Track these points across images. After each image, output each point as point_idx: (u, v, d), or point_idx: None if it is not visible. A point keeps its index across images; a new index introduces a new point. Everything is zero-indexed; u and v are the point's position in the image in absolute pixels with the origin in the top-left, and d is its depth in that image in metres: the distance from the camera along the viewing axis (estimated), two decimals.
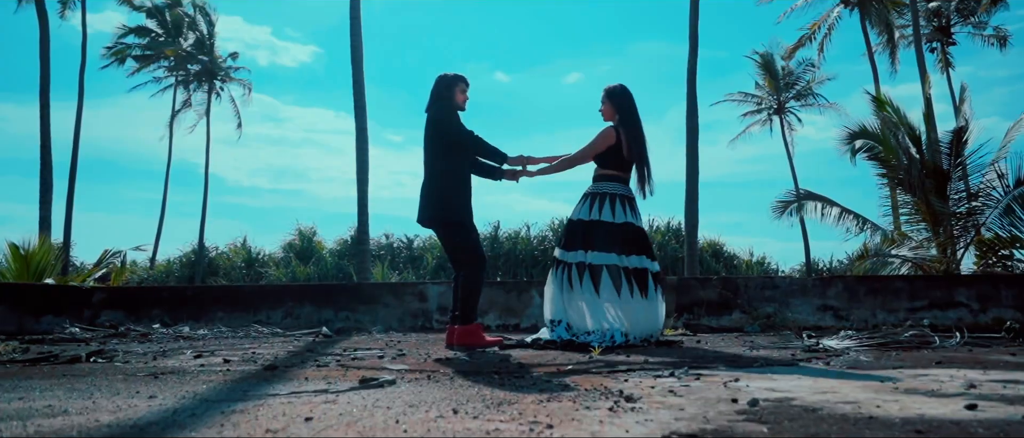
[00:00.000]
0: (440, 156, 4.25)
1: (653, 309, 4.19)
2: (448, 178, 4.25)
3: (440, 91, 4.36)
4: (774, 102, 28.00)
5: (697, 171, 14.78)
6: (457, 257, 4.26)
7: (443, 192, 4.23)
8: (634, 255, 4.21)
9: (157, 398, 2.05)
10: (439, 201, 4.23)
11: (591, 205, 4.31)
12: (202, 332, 6.40)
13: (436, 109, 4.31)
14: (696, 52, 15.01)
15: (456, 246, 4.23)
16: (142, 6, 28.56)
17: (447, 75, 4.41)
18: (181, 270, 26.18)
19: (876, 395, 1.94)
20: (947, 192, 11.48)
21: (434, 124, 4.28)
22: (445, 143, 4.24)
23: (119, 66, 28.93)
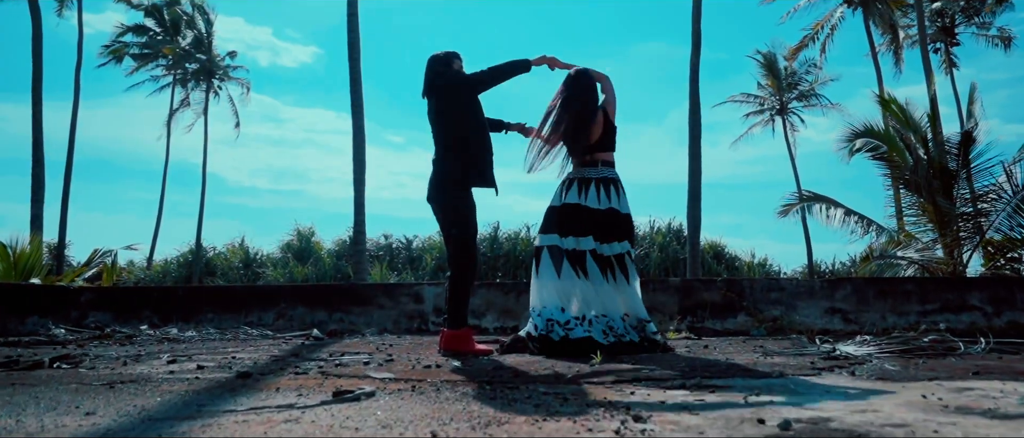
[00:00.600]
0: (459, 121, 3.98)
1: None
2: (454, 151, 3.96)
3: (438, 68, 4.10)
4: (776, 103, 27.74)
5: (700, 170, 14.54)
6: (449, 250, 3.99)
7: (446, 167, 3.96)
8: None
9: (95, 415, 1.81)
10: (443, 179, 3.96)
11: (622, 194, 4.14)
12: (189, 334, 6.17)
13: (446, 78, 4.05)
14: (698, 49, 14.77)
15: (449, 234, 3.94)
16: (140, 5, 28.35)
17: (438, 54, 4.15)
18: (178, 270, 25.95)
19: (926, 415, 1.70)
20: (954, 193, 11.28)
21: (447, 87, 4.01)
22: (464, 102, 3.96)
23: (117, 64, 28.74)
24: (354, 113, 12.98)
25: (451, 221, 3.92)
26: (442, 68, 4.07)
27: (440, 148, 4.03)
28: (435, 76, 4.07)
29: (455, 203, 3.91)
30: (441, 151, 4.02)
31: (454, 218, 3.91)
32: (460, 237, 3.88)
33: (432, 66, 4.11)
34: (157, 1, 28.89)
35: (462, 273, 3.87)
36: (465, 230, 3.90)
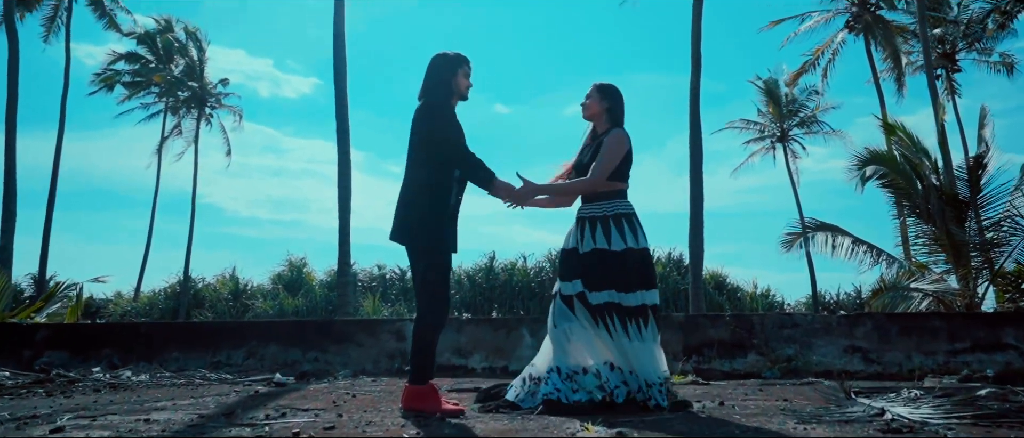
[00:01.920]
0: (424, 159, 3.49)
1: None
2: (432, 191, 3.46)
3: (441, 74, 3.58)
4: (777, 130, 27.34)
5: (701, 197, 14.03)
6: (418, 291, 3.45)
7: (421, 206, 3.45)
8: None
9: None
10: (417, 218, 3.44)
11: (624, 230, 3.55)
12: (142, 378, 5.58)
13: (433, 94, 3.55)
14: (698, 71, 14.36)
15: (422, 278, 3.41)
16: (133, 33, 28.09)
17: (448, 54, 3.63)
18: (165, 302, 25.31)
19: None
20: (966, 221, 10.78)
21: (425, 112, 3.52)
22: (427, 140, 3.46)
23: (108, 93, 28.38)
24: (339, 139, 12.53)
25: (421, 262, 3.39)
26: (445, 74, 3.57)
27: (414, 185, 3.53)
28: (430, 86, 3.56)
29: (422, 270, 3.38)
30: (414, 188, 3.51)
31: (425, 260, 3.38)
32: (429, 279, 3.34)
33: (433, 69, 3.61)
34: (150, 29, 28.65)
35: (430, 319, 3.32)
36: (436, 273, 3.36)
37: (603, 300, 3.39)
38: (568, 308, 3.47)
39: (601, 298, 3.40)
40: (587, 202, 3.67)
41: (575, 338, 3.40)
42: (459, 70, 3.60)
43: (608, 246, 3.47)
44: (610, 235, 3.50)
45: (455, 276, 24.00)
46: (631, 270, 3.45)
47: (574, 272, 3.52)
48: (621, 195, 3.62)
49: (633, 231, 3.53)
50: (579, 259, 3.52)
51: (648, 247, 3.59)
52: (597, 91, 3.78)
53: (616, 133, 3.65)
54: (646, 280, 3.49)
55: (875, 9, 21.94)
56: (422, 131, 3.47)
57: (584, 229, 3.57)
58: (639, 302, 3.42)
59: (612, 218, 3.55)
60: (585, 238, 3.55)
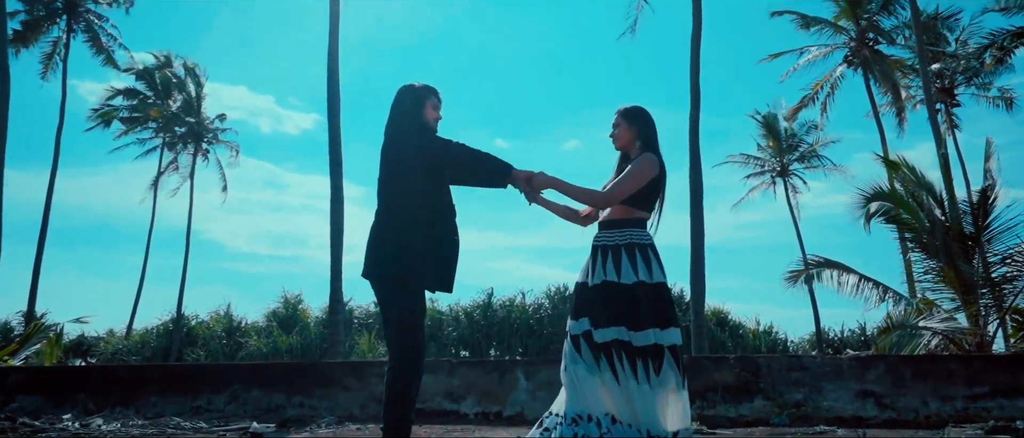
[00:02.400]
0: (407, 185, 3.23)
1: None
2: (407, 222, 3.19)
3: (406, 105, 3.37)
4: (777, 164, 27.24)
5: (702, 232, 13.78)
6: (388, 335, 3.16)
7: (396, 235, 3.18)
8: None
9: None
10: (392, 246, 3.17)
11: (636, 261, 3.24)
12: (113, 426, 5.27)
13: (400, 125, 3.33)
14: (698, 104, 14.23)
15: (397, 321, 3.11)
16: (132, 68, 28.15)
17: (414, 85, 3.42)
18: (158, 340, 24.89)
19: None
20: (975, 257, 10.53)
21: (396, 142, 3.28)
22: (420, 167, 3.21)
23: (105, 128, 28.32)
24: (332, 172, 12.35)
25: (394, 303, 3.11)
26: (411, 106, 3.35)
27: (389, 217, 3.27)
28: (394, 119, 3.34)
29: (403, 280, 3.11)
30: (389, 220, 3.25)
31: (400, 300, 3.11)
32: (405, 322, 3.07)
33: (398, 102, 3.39)
34: (149, 65, 28.71)
35: (405, 369, 3.03)
36: (412, 315, 3.09)
37: (610, 338, 3.07)
38: (575, 349, 3.16)
39: (608, 336, 3.07)
40: (602, 229, 3.37)
41: (581, 382, 3.10)
42: (426, 102, 3.38)
43: (618, 278, 3.16)
44: (620, 266, 3.19)
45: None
46: (643, 305, 3.11)
47: (583, 308, 3.22)
48: (638, 224, 3.32)
49: (647, 263, 3.20)
50: (588, 293, 3.23)
51: (665, 281, 3.24)
52: (623, 117, 3.51)
53: (646, 156, 3.37)
54: (661, 317, 3.13)
55: (873, 44, 21.97)
56: (406, 152, 3.23)
57: (595, 259, 3.28)
58: (650, 341, 3.07)
59: (624, 247, 3.23)
60: (595, 269, 3.25)
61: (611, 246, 3.26)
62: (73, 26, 24.32)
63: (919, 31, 17.96)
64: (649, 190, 3.33)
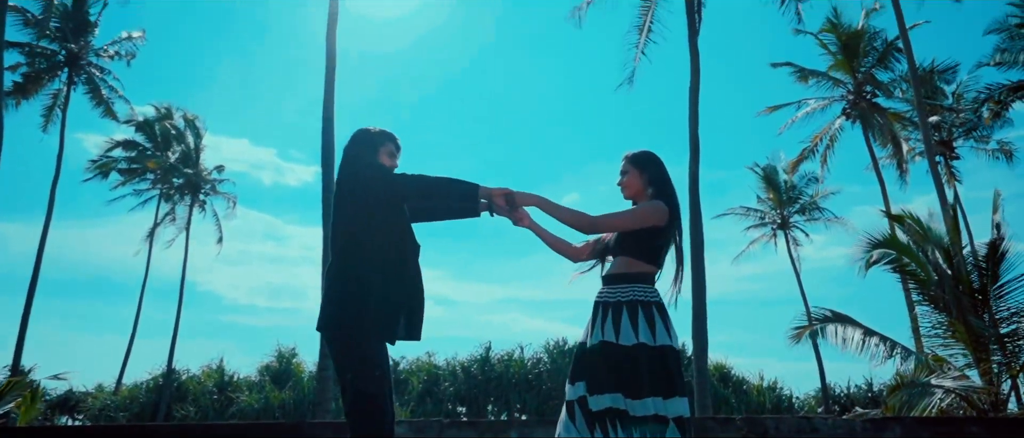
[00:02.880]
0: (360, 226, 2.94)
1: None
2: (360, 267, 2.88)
3: (359, 149, 3.10)
4: (777, 216, 27.10)
5: (704, 286, 13.46)
6: (344, 403, 2.81)
7: (347, 286, 2.87)
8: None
9: None
10: (343, 296, 2.86)
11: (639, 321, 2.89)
12: None
13: (352, 168, 3.06)
14: (697, 155, 14.08)
15: (353, 389, 2.76)
16: (132, 121, 28.22)
17: (370, 130, 3.16)
18: (147, 396, 24.27)
19: None
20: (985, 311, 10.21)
21: (348, 183, 3.01)
22: (375, 206, 2.93)
23: (103, 180, 28.24)
24: (325, 223, 12.10)
25: (349, 365, 2.80)
26: (363, 151, 3.10)
27: (339, 262, 2.97)
28: (345, 164, 3.10)
29: (356, 335, 2.80)
30: (339, 267, 2.95)
31: (354, 362, 2.79)
32: (361, 390, 2.76)
33: (350, 146, 3.13)
34: (150, 117, 28.79)
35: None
36: (370, 381, 2.77)
37: (605, 406, 2.74)
38: (569, 416, 2.84)
39: (603, 403, 2.75)
40: (604, 284, 3.04)
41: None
42: (381, 148, 3.12)
43: (616, 339, 2.83)
44: (619, 325, 2.86)
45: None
46: (643, 371, 2.77)
47: (580, 371, 2.90)
48: (643, 279, 2.98)
49: (651, 323, 2.86)
50: (586, 355, 2.91)
51: (672, 345, 2.88)
52: (631, 163, 3.21)
53: (655, 201, 3.07)
54: (665, 385, 2.78)
55: (871, 97, 22.04)
56: (359, 191, 2.94)
57: (595, 317, 2.96)
58: (650, 412, 2.72)
59: (626, 305, 2.90)
60: (594, 328, 2.93)
61: (612, 303, 2.94)
62: (74, 78, 24.45)
63: (916, 84, 17.98)
64: (653, 240, 3.00)
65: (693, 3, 15.10)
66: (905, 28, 17.81)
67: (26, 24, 23.19)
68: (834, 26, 22.01)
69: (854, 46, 21.95)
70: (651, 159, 3.21)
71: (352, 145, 3.14)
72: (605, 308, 2.94)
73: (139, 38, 25.31)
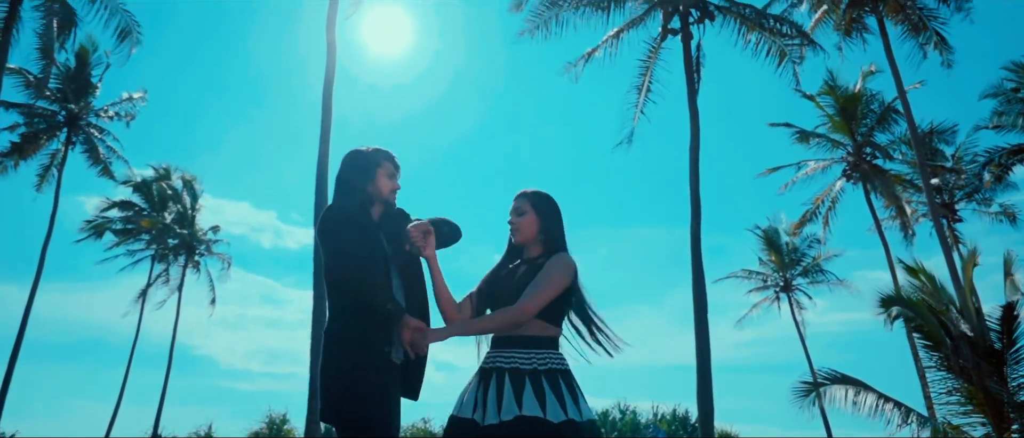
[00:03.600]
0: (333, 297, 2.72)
1: None
2: (347, 343, 2.61)
3: (349, 176, 2.84)
4: (780, 279, 26.74)
5: (708, 350, 13.00)
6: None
7: (340, 366, 2.59)
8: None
9: None
10: (335, 383, 2.60)
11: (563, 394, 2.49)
12: None
13: (334, 207, 2.79)
14: (698, 215, 13.81)
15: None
16: (129, 181, 28.10)
17: (363, 150, 2.87)
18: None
19: None
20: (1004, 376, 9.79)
21: (320, 228, 2.76)
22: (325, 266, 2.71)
23: (97, 240, 27.91)
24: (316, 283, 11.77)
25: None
26: (355, 177, 2.82)
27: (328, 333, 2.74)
28: (336, 196, 2.83)
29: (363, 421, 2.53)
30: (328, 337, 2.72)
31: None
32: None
33: (342, 172, 2.88)
34: (148, 177, 28.70)
35: None
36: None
37: None
38: None
39: None
40: (507, 347, 2.60)
41: None
42: (378, 169, 2.82)
43: (543, 414, 2.40)
44: (544, 399, 2.43)
45: None
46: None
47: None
48: (555, 345, 2.64)
49: (574, 396, 2.49)
50: (487, 434, 2.46)
51: (595, 420, 2.55)
52: (533, 206, 2.84)
53: (562, 257, 2.72)
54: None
55: (871, 158, 21.99)
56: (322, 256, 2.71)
57: (500, 386, 2.50)
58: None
59: (545, 374, 2.50)
60: (503, 400, 2.46)
61: (528, 371, 2.51)
62: (72, 139, 24.41)
63: (918, 146, 17.93)
64: (563, 300, 2.67)
65: (692, 63, 15.13)
66: (904, 90, 17.87)
67: (27, 85, 23.27)
68: (831, 89, 22.13)
69: (852, 108, 22.02)
70: (553, 206, 2.88)
71: (344, 170, 2.86)
72: (515, 376, 2.52)
73: (140, 99, 25.38)
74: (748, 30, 15.54)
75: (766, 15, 15.10)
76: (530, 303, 2.57)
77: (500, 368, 2.56)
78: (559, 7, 15.39)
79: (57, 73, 23.58)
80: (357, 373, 2.54)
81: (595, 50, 16.24)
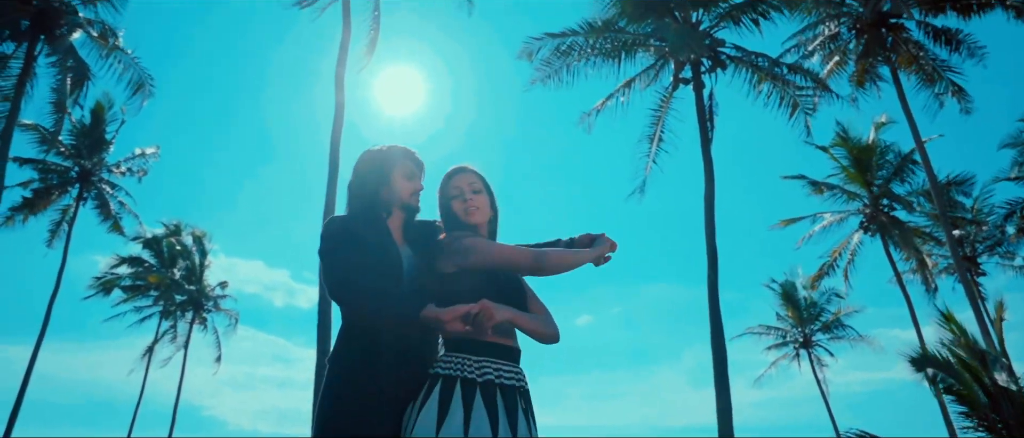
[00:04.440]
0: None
1: None
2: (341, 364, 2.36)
3: (359, 181, 2.51)
4: (799, 335, 25.94)
5: (730, 410, 12.32)
6: None
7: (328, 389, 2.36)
8: None
9: None
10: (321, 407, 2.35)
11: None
12: None
13: (329, 222, 2.46)
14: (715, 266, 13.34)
15: None
16: (140, 237, 28.01)
17: (376, 149, 2.55)
18: None
19: None
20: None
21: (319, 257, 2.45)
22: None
23: (105, 297, 27.67)
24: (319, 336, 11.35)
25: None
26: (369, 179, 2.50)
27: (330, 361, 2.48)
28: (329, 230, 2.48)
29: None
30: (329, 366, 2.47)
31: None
32: None
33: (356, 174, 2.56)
34: (158, 233, 28.62)
35: None
36: None
37: None
38: None
39: None
40: (511, 361, 2.33)
41: None
42: (395, 170, 2.48)
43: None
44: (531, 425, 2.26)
45: None
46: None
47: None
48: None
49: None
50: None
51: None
52: (483, 182, 2.56)
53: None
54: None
55: (889, 210, 21.53)
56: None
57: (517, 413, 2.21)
58: None
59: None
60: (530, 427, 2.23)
61: (527, 391, 2.32)
62: (84, 194, 24.44)
63: (939, 198, 17.53)
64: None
65: (704, 112, 14.93)
66: (921, 141, 17.58)
67: (42, 141, 23.41)
68: (844, 140, 21.89)
69: (867, 159, 21.71)
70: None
71: (355, 174, 2.53)
72: (525, 398, 2.29)
73: (153, 154, 25.47)
74: (760, 80, 15.37)
75: (779, 64, 14.92)
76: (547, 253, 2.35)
77: (515, 387, 2.26)
78: (569, 57, 15.33)
79: (71, 129, 23.78)
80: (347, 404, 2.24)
81: (607, 100, 16.13)
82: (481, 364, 2.23)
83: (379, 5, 16.01)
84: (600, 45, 15.37)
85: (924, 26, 18.21)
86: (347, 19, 15.06)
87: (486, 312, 2.12)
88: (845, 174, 21.64)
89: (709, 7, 15.54)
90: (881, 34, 18.44)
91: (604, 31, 15.06)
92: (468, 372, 2.18)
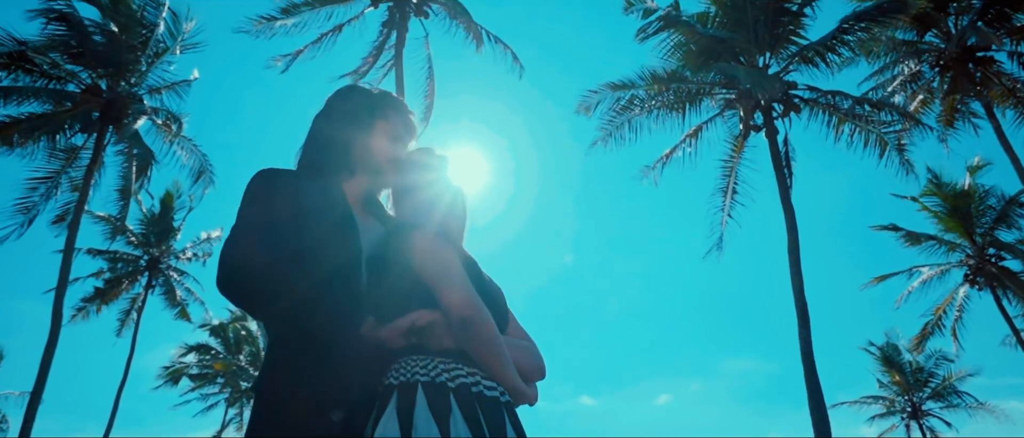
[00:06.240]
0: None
1: None
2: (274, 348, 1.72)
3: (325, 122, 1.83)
4: (907, 404, 23.37)
5: None
6: None
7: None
8: None
9: None
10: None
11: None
12: None
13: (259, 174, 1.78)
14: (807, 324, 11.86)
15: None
16: (206, 324, 28.11)
17: (359, 87, 1.91)
18: None
19: None
20: None
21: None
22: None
23: (173, 386, 27.67)
24: None
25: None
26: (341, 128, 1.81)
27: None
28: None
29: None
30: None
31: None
32: None
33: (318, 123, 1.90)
34: (224, 320, 28.68)
35: None
36: None
37: None
38: None
39: None
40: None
41: None
42: (376, 122, 1.76)
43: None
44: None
45: None
46: None
47: None
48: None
49: None
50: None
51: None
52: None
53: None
54: None
55: (997, 260, 19.43)
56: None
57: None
58: None
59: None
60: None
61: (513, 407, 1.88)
62: (152, 282, 24.72)
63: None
64: None
65: (780, 159, 13.78)
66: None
67: (114, 232, 23.94)
68: (937, 187, 20.15)
69: (964, 207, 19.86)
70: None
71: (322, 113, 1.87)
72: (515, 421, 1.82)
73: (217, 238, 25.73)
74: (840, 122, 14.19)
75: (863, 101, 13.71)
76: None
77: (508, 403, 1.72)
78: (630, 112, 14.57)
79: (141, 218, 24.30)
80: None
81: (673, 151, 15.19)
82: (449, 366, 1.60)
83: (432, 72, 15.78)
84: (663, 97, 14.60)
85: (1016, 57, 16.77)
86: (400, 87, 14.81)
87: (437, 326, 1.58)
88: (942, 223, 19.78)
89: (776, 50, 14.63)
90: (969, 70, 17.07)
91: (667, 80, 14.28)
92: (434, 375, 1.55)
